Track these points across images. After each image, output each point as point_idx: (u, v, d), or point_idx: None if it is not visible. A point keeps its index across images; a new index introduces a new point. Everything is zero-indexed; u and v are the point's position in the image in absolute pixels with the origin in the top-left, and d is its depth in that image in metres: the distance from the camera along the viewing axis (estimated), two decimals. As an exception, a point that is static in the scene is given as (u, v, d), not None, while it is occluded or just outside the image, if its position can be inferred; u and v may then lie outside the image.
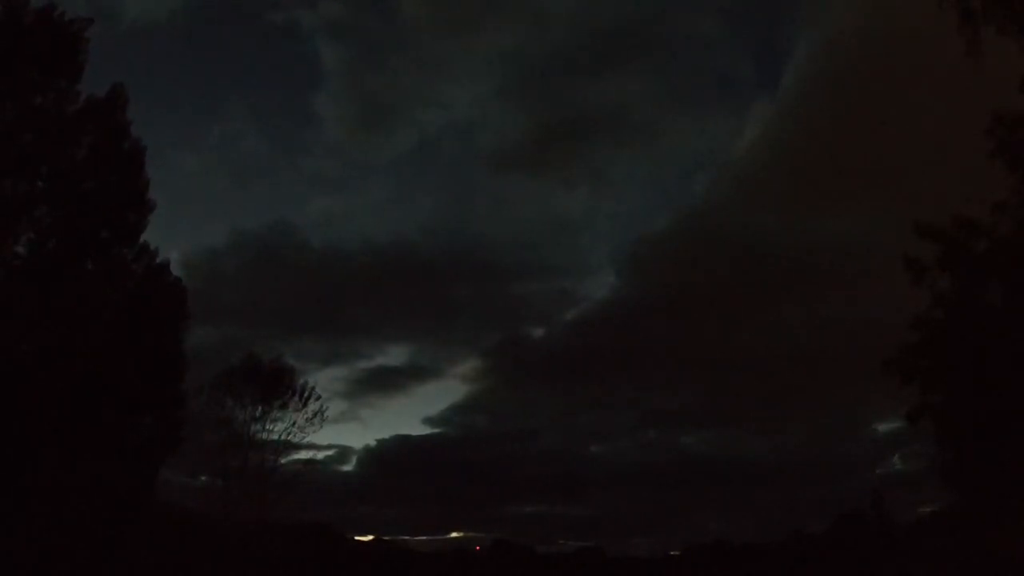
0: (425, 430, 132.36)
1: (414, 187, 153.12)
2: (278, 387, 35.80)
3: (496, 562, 71.61)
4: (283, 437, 35.37)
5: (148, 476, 23.59)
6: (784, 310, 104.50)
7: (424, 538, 77.02)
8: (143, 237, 22.53)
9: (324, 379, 61.62)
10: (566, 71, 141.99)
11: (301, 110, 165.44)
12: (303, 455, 36.45)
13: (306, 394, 36.22)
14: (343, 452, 63.09)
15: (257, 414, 35.19)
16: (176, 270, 23.91)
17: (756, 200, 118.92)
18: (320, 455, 37.38)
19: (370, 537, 67.10)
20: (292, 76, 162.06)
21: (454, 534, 78.33)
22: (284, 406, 35.67)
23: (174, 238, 23.51)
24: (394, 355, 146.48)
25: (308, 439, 36.18)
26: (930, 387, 21.70)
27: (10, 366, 19.32)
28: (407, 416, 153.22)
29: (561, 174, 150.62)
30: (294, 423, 35.58)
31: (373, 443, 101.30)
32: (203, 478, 34.59)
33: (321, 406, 36.32)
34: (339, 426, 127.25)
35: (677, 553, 76.30)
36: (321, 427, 36.20)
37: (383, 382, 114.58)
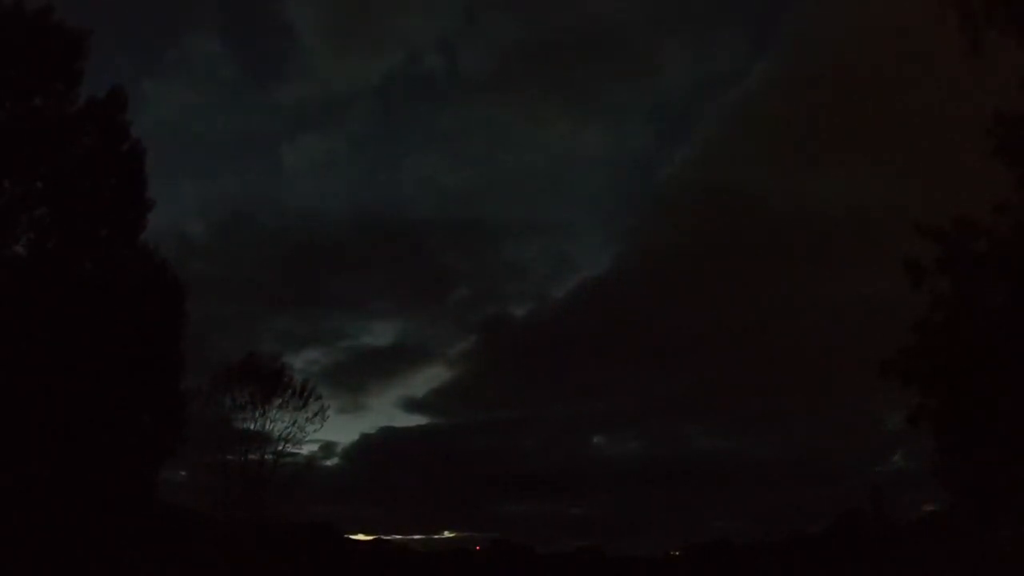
0: (412, 419, 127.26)
1: (399, 122, 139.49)
2: (277, 386, 35.80)
3: (496, 562, 71.59)
4: (283, 436, 35.40)
5: (148, 476, 23.60)
6: (789, 290, 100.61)
7: (419, 537, 76.16)
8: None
9: (302, 361, 58.24)
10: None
11: (272, 22, 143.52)
12: (303, 450, 36.46)
13: (306, 393, 36.28)
14: (326, 446, 59.48)
15: (257, 414, 35.20)
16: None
17: (763, 153, 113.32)
18: (305, 450, 37.01)
19: (371, 537, 66.96)
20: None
21: (447, 533, 77.23)
22: (284, 405, 35.69)
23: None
24: (379, 333, 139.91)
25: (308, 438, 36.21)
26: (930, 389, 21.65)
27: (10, 365, 19.32)
28: (393, 402, 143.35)
29: (554, 104, 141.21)
30: (294, 422, 35.62)
31: (357, 436, 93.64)
32: (202, 477, 34.54)
33: (322, 405, 36.39)
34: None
35: (677, 553, 76.32)
36: (322, 426, 36.26)
37: (367, 364, 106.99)
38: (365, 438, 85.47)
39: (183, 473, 34.12)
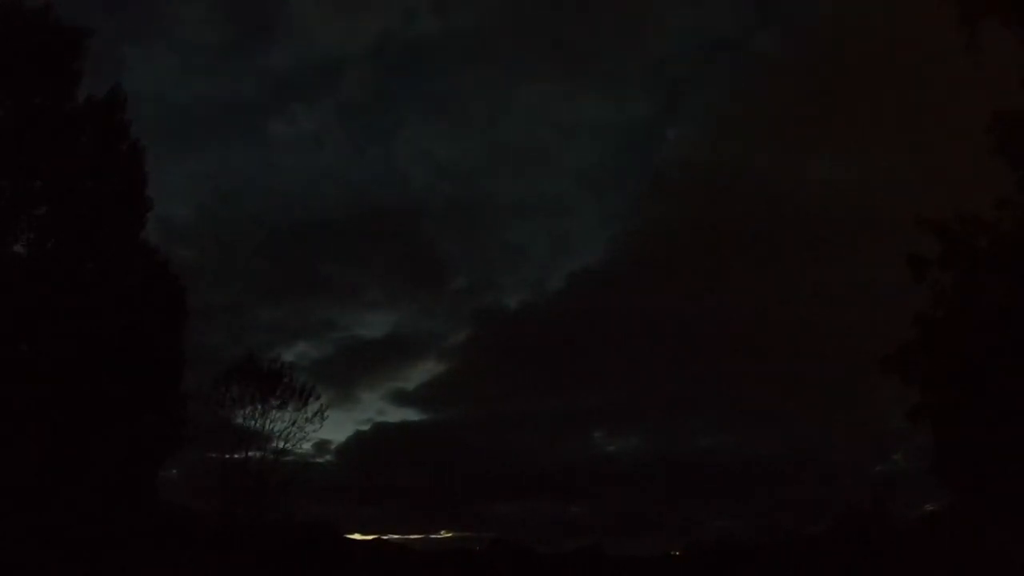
0: (404, 414, 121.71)
1: (392, 89, 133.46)
2: (277, 386, 35.84)
3: (495, 562, 71.54)
4: (282, 436, 35.45)
5: (148, 476, 23.58)
6: (790, 279, 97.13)
7: (418, 536, 75.66)
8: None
9: (293, 355, 54.84)
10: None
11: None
12: (300, 448, 36.49)
13: (306, 393, 36.34)
14: (320, 444, 57.16)
15: (256, 413, 35.23)
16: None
17: (763, 132, 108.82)
18: (301, 448, 36.97)
19: (370, 536, 66.77)
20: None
21: (445, 533, 76.68)
22: (284, 406, 35.73)
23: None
24: (373, 325, 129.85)
25: (307, 438, 36.25)
26: (930, 387, 21.63)
27: (10, 365, 19.30)
28: (383, 396, 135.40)
29: (551, 69, 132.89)
30: (294, 422, 35.66)
31: (351, 433, 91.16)
32: (202, 477, 34.53)
33: (321, 406, 36.46)
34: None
35: (678, 553, 76.28)
36: (321, 426, 36.34)
37: (359, 357, 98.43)
38: (359, 435, 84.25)
39: (175, 471, 34.07)
